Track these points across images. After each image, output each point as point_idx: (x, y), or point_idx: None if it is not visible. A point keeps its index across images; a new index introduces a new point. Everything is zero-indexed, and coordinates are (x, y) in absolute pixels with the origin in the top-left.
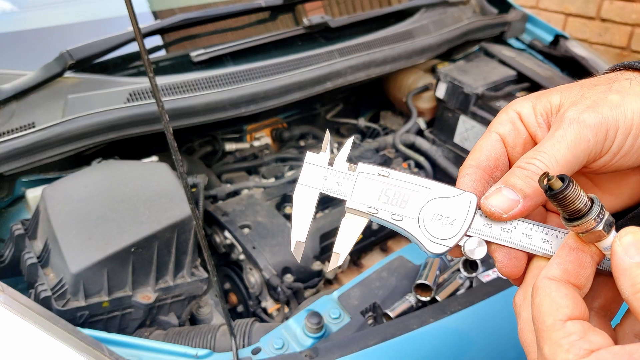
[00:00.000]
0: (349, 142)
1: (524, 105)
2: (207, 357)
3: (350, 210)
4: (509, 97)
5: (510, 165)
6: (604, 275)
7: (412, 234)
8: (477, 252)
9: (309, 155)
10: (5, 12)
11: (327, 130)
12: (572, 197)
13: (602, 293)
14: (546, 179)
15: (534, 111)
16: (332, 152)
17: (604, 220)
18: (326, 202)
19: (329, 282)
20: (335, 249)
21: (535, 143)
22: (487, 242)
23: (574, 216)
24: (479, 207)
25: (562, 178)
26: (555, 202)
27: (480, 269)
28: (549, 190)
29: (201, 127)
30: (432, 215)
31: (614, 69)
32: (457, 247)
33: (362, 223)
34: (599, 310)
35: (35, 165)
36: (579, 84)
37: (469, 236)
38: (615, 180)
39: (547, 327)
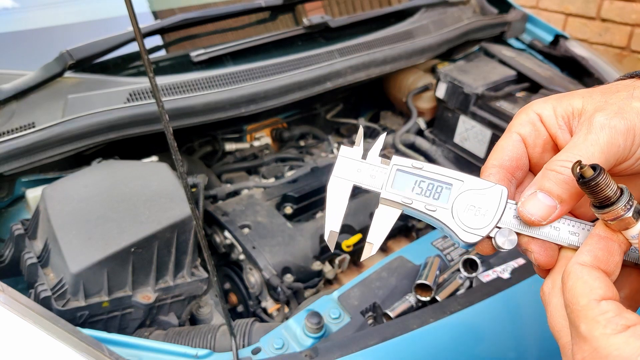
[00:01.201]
0: (381, 138)
1: (545, 107)
2: (207, 357)
3: (384, 201)
4: (509, 97)
5: (530, 164)
6: (629, 266)
7: (446, 224)
8: (507, 243)
9: (343, 149)
10: (6, 12)
11: (361, 125)
12: (602, 185)
13: (627, 283)
14: (579, 167)
15: (555, 113)
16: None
17: (632, 208)
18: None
19: (329, 282)
20: (368, 239)
21: (555, 144)
22: (518, 234)
23: (604, 204)
24: (509, 200)
25: (593, 167)
26: (587, 189)
27: (480, 269)
28: (581, 178)
29: (201, 127)
30: (465, 206)
31: (630, 77)
32: (488, 239)
33: (395, 214)
34: (624, 301)
35: (35, 165)
36: (598, 89)
37: (499, 228)
38: (631, 183)
39: (582, 306)
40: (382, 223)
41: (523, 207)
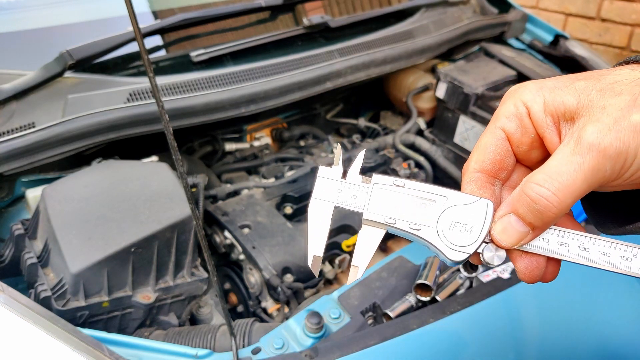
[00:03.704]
0: (360, 155)
1: (535, 101)
2: (207, 357)
3: (367, 222)
4: None
5: (517, 159)
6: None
7: (432, 243)
8: (496, 259)
9: (322, 170)
10: (6, 12)
11: (339, 144)
12: None
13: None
14: None
15: (544, 109)
16: (332, 152)
17: None
18: None
19: (329, 282)
20: (353, 262)
21: (542, 143)
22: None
23: None
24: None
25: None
26: None
27: (480, 269)
28: None
29: (201, 127)
30: (450, 223)
31: (633, 61)
32: (477, 254)
33: (379, 234)
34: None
35: (35, 165)
36: (598, 87)
37: (487, 243)
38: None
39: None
40: (367, 244)
41: (495, 233)
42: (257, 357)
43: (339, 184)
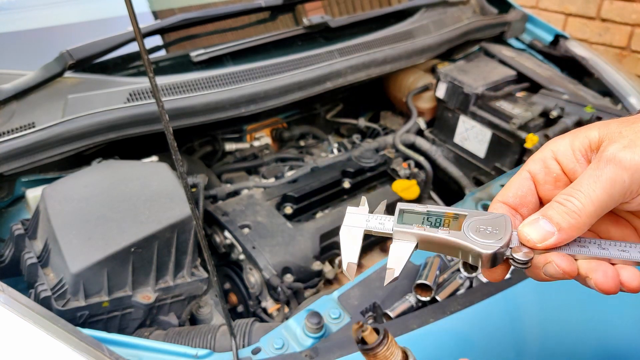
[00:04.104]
0: (382, 204)
1: (561, 144)
2: (207, 357)
3: (398, 235)
4: (509, 97)
5: (541, 201)
6: None
7: (462, 242)
8: (522, 255)
9: (350, 208)
10: (6, 12)
11: (364, 197)
12: (384, 353)
13: None
14: (360, 329)
15: (572, 148)
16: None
17: None
18: (326, 202)
19: (329, 282)
20: (389, 265)
21: (567, 182)
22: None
23: None
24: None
25: (377, 330)
26: (368, 357)
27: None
28: (361, 343)
29: (201, 127)
30: (475, 228)
31: None
32: (504, 264)
33: (409, 247)
34: None
35: (35, 165)
36: (617, 121)
37: (511, 248)
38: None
39: None
40: (400, 253)
41: (522, 228)
42: (257, 357)
43: (366, 216)
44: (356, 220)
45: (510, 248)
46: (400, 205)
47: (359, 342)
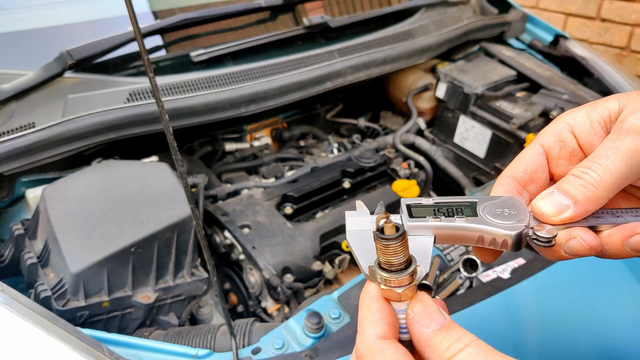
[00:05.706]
0: (380, 206)
1: (577, 115)
2: (207, 357)
3: (412, 230)
4: (509, 97)
5: (555, 177)
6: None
7: (484, 228)
8: (545, 232)
9: (349, 212)
10: (6, 12)
11: (359, 201)
12: (392, 250)
13: None
14: (384, 219)
15: (589, 119)
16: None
17: (407, 286)
18: (326, 202)
19: (329, 282)
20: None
21: (587, 155)
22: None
23: (383, 267)
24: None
25: (397, 228)
26: (378, 245)
27: (480, 269)
28: (379, 231)
29: (201, 127)
30: (492, 212)
31: None
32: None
33: (429, 240)
34: None
35: (35, 165)
36: (637, 92)
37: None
38: None
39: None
40: (421, 248)
41: (536, 202)
42: (257, 357)
43: (369, 217)
44: (360, 222)
45: (531, 228)
46: (405, 201)
47: (378, 230)
